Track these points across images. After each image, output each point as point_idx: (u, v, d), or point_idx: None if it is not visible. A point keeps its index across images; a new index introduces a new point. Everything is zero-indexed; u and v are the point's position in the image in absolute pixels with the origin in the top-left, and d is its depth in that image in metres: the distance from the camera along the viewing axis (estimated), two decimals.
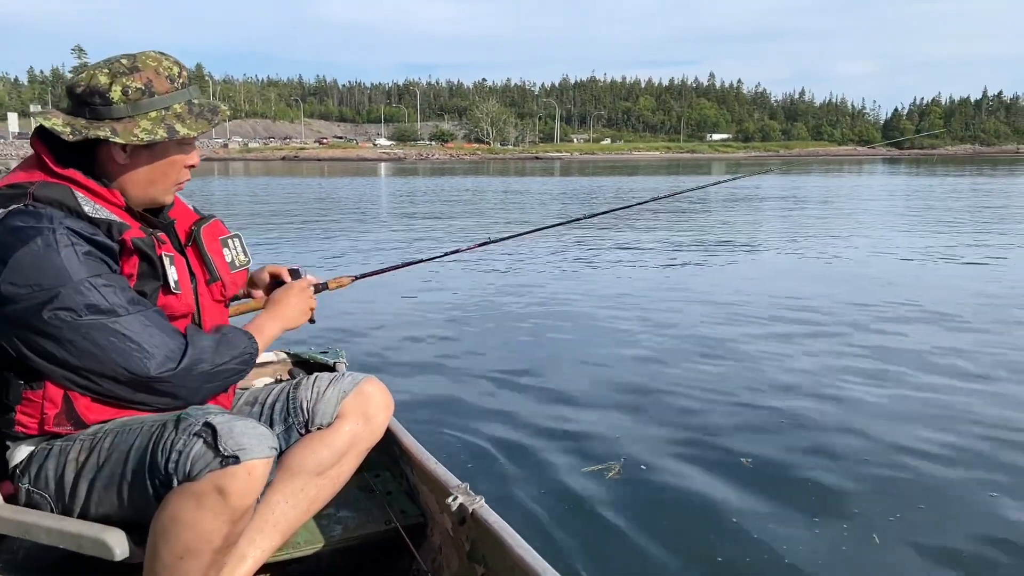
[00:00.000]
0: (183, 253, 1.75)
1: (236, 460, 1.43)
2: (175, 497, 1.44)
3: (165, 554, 1.47)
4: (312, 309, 1.99)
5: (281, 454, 1.82)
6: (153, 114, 1.57)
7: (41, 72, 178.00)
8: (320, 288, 2.10)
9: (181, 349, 1.54)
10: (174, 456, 1.45)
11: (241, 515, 1.49)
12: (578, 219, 3.51)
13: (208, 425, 1.46)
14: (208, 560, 1.49)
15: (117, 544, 1.51)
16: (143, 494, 1.50)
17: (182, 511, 1.44)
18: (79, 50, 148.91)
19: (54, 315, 1.43)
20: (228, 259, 1.85)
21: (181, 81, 1.62)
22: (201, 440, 1.44)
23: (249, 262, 1.93)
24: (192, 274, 1.75)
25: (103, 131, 1.52)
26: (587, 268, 9.49)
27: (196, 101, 1.64)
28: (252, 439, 1.46)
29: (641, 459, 3.51)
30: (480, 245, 2.92)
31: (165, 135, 1.56)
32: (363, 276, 2.34)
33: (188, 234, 1.79)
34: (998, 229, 13.99)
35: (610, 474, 3.33)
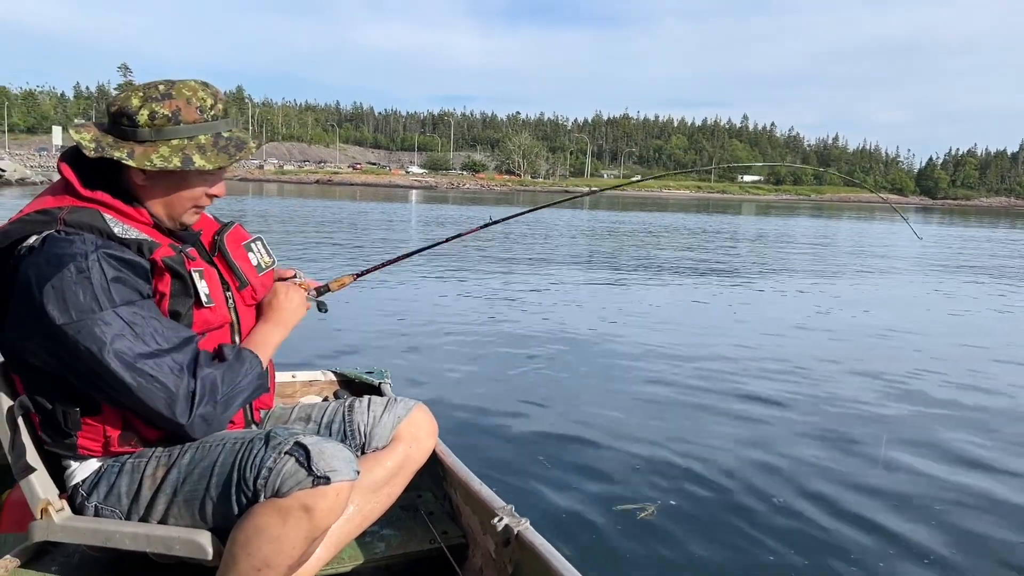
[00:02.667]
0: (211, 263, 1.79)
1: (327, 481, 1.49)
2: (260, 511, 1.50)
3: (244, 565, 1.52)
4: (307, 299, 1.99)
5: None
6: (175, 142, 1.58)
7: (87, 88, 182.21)
8: (322, 290, 2.11)
9: (193, 388, 1.54)
10: (264, 472, 1.50)
11: (321, 533, 1.54)
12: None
13: (300, 445, 1.52)
14: (282, 574, 1.55)
15: (209, 544, 1.58)
16: (226, 508, 1.56)
17: (267, 526, 1.49)
18: (124, 68, 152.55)
19: (84, 347, 1.45)
20: (254, 262, 1.89)
21: (213, 113, 1.63)
22: (293, 459, 1.50)
23: (274, 263, 1.97)
24: (225, 283, 1.79)
25: (120, 152, 1.55)
26: (626, 304, 9.50)
27: (225, 134, 1.65)
28: (341, 462, 1.53)
29: (679, 493, 3.55)
30: (482, 227, 2.74)
31: (179, 164, 1.57)
32: (364, 273, 2.31)
33: (212, 243, 1.84)
34: None
35: (643, 514, 3.33)
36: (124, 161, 1.55)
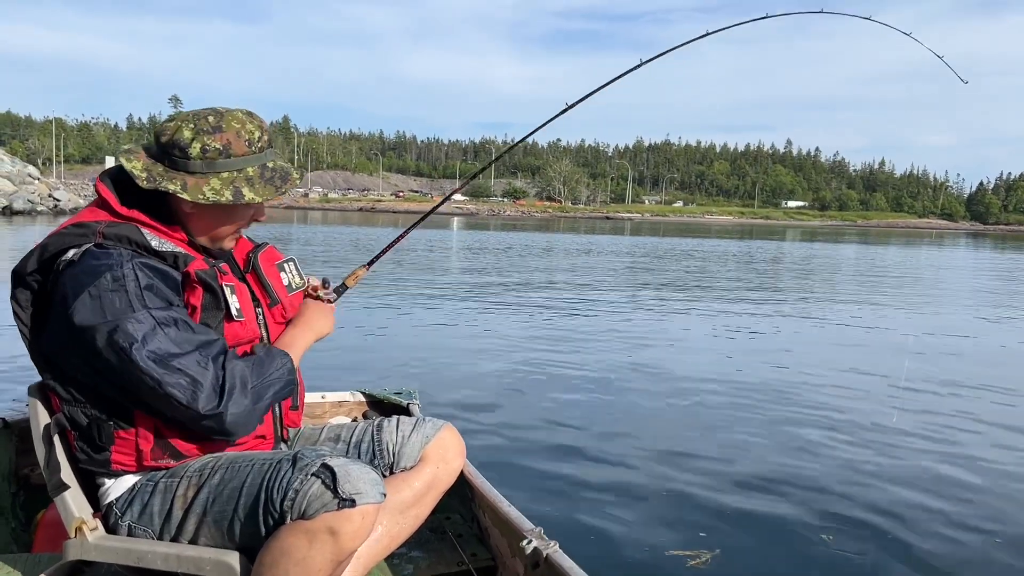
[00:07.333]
0: (243, 280, 1.83)
1: (352, 503, 1.49)
2: (287, 533, 1.50)
3: None
4: (329, 300, 2.04)
5: None
6: (225, 175, 1.64)
7: (139, 119, 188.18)
8: (341, 289, 2.14)
9: (221, 380, 1.55)
10: (291, 494, 1.51)
11: (347, 556, 1.54)
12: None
13: (326, 467, 1.52)
14: None
15: (237, 564, 1.59)
16: (254, 528, 1.56)
17: (293, 547, 1.50)
18: (175, 99, 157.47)
19: (117, 345, 1.48)
20: (285, 282, 1.94)
21: (259, 145, 1.69)
22: (319, 481, 1.50)
23: (305, 284, 2.02)
24: (256, 299, 1.83)
25: (174, 185, 1.61)
26: (669, 330, 9.35)
27: (271, 164, 1.71)
28: (367, 484, 1.53)
29: (721, 528, 3.39)
30: (468, 180, 3.19)
31: (231, 198, 1.63)
32: (373, 260, 2.31)
33: (246, 261, 1.88)
34: None
35: (695, 560, 3.12)
36: (179, 195, 1.62)
